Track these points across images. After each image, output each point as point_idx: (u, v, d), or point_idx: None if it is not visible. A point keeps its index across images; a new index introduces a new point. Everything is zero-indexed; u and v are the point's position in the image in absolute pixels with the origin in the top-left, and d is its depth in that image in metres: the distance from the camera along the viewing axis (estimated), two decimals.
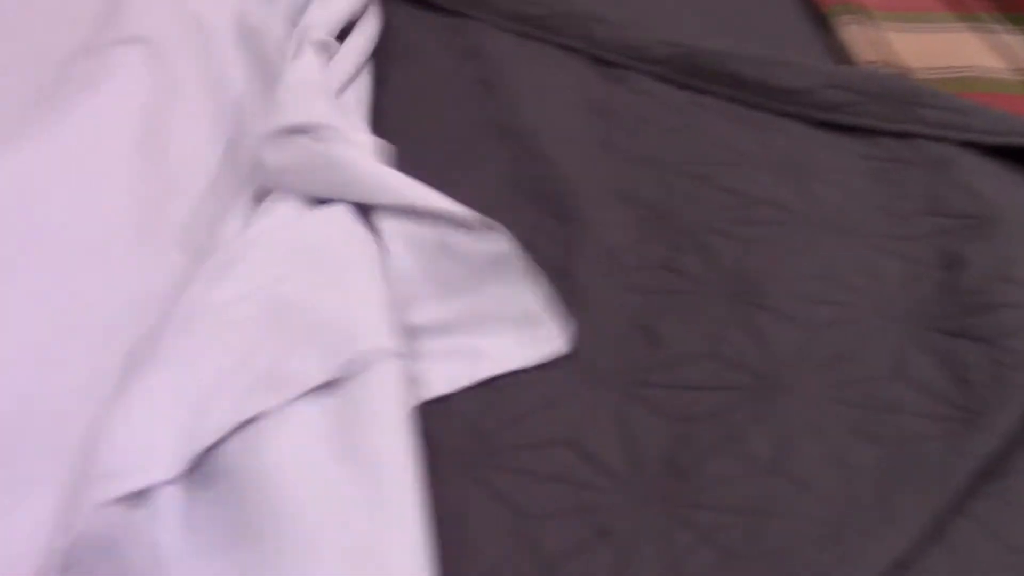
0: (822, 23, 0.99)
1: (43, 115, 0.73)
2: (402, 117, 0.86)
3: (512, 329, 0.62)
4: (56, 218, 0.67)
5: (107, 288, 0.64)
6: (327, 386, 0.55)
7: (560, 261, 0.69)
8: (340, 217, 0.68)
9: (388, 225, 0.67)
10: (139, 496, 0.50)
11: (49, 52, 0.82)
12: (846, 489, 0.52)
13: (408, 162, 0.80)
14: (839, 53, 0.95)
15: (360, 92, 0.86)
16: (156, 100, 0.77)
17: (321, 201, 0.70)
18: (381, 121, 0.84)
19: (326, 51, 0.84)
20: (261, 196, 0.73)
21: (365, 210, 0.69)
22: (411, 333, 0.63)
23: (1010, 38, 0.95)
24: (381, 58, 0.91)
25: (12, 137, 0.71)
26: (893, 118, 0.80)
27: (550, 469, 0.54)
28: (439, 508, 0.52)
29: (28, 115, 0.73)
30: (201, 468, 0.52)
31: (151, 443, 0.53)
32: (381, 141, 0.78)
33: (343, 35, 0.89)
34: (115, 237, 0.67)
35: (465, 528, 0.52)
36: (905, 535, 0.49)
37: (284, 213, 0.69)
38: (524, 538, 0.51)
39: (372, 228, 0.68)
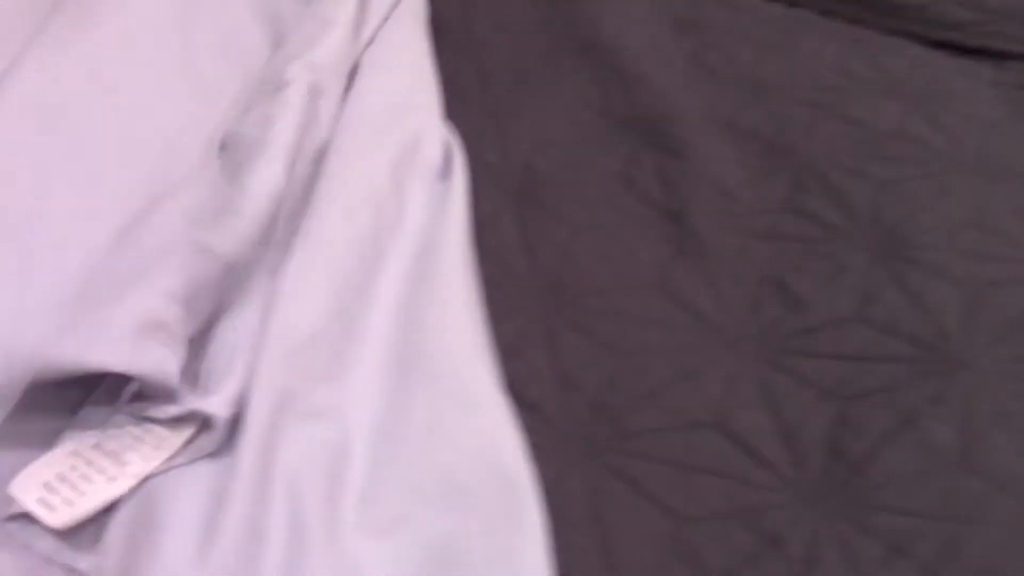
0: None
1: (67, 23, 0.62)
2: (463, 30, 0.75)
3: None
4: (88, 132, 0.58)
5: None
6: None
7: (667, 201, 0.60)
8: None
9: None
10: None
11: None
12: None
13: (474, 82, 0.70)
14: None
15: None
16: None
17: None
18: (439, 34, 0.73)
19: None
20: None
21: None
22: None
23: None
24: None
25: (38, 47, 0.60)
26: None
27: (698, 458, 0.46)
28: (568, 504, 0.44)
29: (50, 23, 0.62)
30: None
31: None
32: None
33: None
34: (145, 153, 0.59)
35: (605, 529, 0.43)
36: None
37: None
38: (678, 543, 0.43)
39: None
